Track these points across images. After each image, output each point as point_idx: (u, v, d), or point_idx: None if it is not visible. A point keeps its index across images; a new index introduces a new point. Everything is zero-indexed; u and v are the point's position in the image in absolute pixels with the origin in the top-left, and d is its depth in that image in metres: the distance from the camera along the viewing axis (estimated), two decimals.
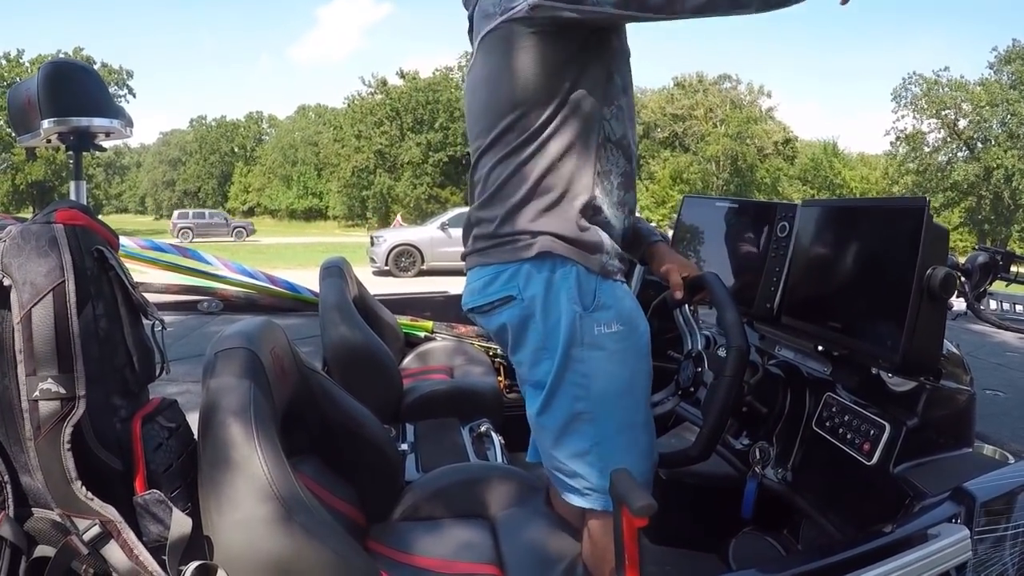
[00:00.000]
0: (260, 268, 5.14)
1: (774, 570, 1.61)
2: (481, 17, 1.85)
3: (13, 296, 1.36)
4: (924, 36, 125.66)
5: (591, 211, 1.80)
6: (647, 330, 1.86)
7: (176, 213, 44.77)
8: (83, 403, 1.38)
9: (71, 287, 1.38)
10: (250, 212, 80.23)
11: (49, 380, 1.36)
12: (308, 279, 5.37)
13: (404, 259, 19.56)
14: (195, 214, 44.99)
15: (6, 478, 1.44)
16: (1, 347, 1.41)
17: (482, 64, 1.89)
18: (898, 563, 1.45)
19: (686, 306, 2.13)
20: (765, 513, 2.15)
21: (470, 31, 1.98)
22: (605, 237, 1.81)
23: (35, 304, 1.35)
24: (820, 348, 2.11)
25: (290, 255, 26.47)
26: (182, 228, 40.83)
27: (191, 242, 37.01)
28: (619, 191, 1.87)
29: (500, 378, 4.05)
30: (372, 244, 20.35)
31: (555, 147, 1.77)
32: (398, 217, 35.96)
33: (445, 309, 4.60)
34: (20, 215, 1.65)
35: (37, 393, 1.35)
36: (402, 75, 56.08)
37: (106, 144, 3.13)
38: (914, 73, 51.91)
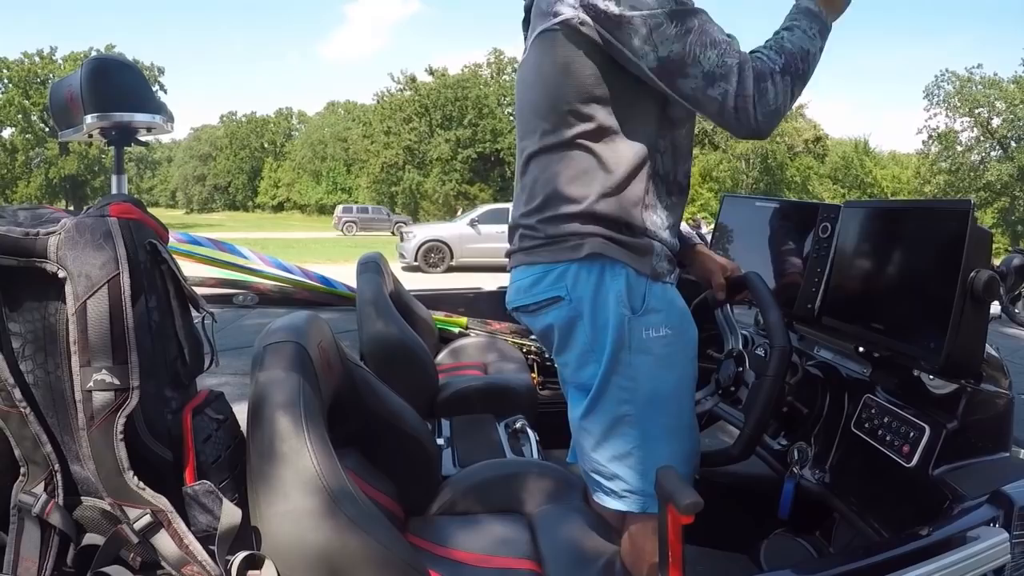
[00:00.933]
0: (294, 262, 5.18)
1: (810, 571, 1.61)
2: (538, 13, 1.82)
3: (68, 288, 1.38)
4: (957, 34, 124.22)
5: (643, 215, 1.79)
6: (695, 334, 1.85)
7: (340, 208, 45.44)
8: (136, 394, 1.40)
9: (125, 279, 1.39)
10: (280, 207, 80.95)
11: (103, 371, 1.37)
12: (337, 273, 5.39)
13: (433, 255, 19.65)
14: (359, 209, 45.74)
15: (56, 467, 1.47)
16: (55, 338, 1.44)
17: (534, 63, 1.86)
18: (936, 566, 1.45)
19: (727, 305, 2.13)
20: (798, 514, 2.15)
21: (525, 23, 1.97)
22: (656, 240, 1.80)
23: (90, 296, 1.37)
24: (860, 349, 2.10)
25: (319, 249, 26.59)
26: (347, 222, 41.61)
27: (354, 235, 37.72)
28: (671, 196, 1.86)
29: (534, 375, 4.06)
30: (402, 240, 20.45)
31: (608, 152, 1.76)
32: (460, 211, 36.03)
33: (479, 305, 4.61)
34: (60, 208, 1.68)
35: (91, 384, 1.37)
36: (431, 72, 56.21)
37: (146, 139, 3.17)
38: (946, 70, 51.33)
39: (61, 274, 1.38)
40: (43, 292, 1.43)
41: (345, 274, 5.50)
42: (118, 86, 2.87)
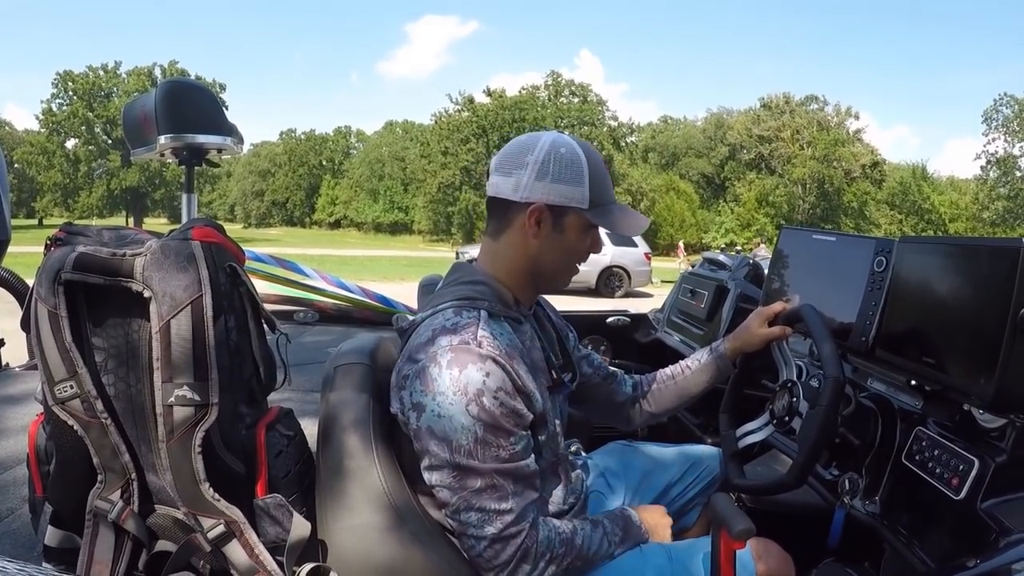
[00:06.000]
0: (351, 280, 5.25)
1: None
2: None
3: (152, 307, 1.46)
4: (1022, 58, 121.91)
5: None
6: None
7: None
8: (215, 410, 1.47)
9: (208, 300, 1.47)
10: (336, 224, 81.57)
11: (185, 387, 1.45)
12: (393, 292, 5.46)
13: None
14: None
15: (133, 476, 1.54)
16: (136, 353, 1.51)
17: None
18: None
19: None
20: (848, 544, 2.15)
21: None
22: None
23: (174, 315, 1.44)
24: (913, 383, 2.11)
25: (375, 267, 26.79)
26: None
27: None
28: None
29: None
30: (457, 259, 20.52)
31: None
32: (680, 245, 35.41)
33: None
34: (115, 223, 1.76)
35: (172, 399, 1.45)
36: (489, 93, 56.48)
37: (217, 159, 3.25)
38: (1005, 94, 50.59)
39: (146, 294, 1.46)
40: (127, 310, 1.51)
41: (398, 292, 5.59)
42: (191, 108, 2.96)
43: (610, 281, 20.78)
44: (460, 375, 1.48)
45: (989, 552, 1.64)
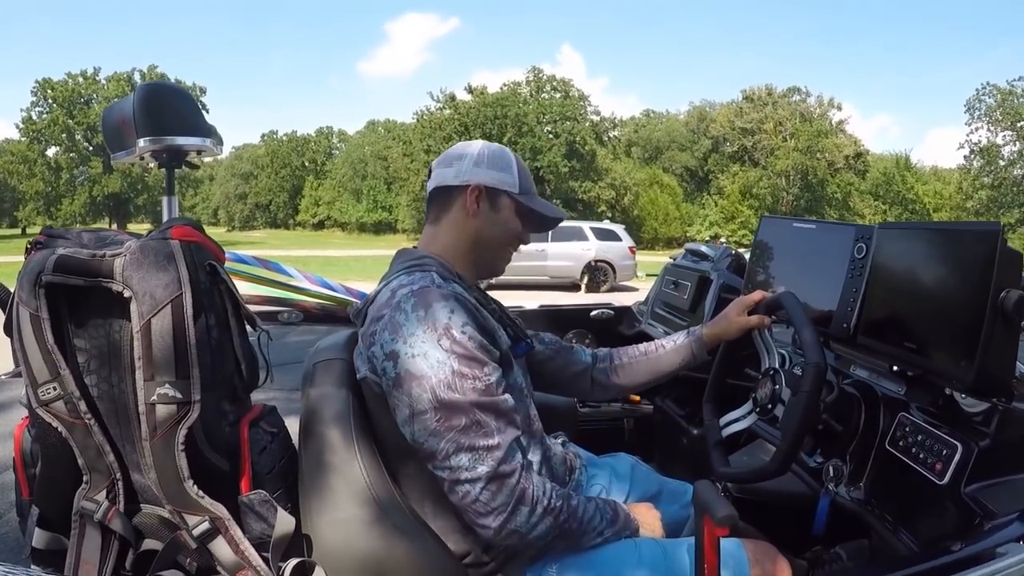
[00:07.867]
0: (336, 280, 5.22)
1: None
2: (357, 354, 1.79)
3: (133, 307, 1.46)
4: (998, 48, 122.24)
5: None
6: None
7: None
8: (197, 407, 1.48)
9: (188, 299, 1.48)
10: (320, 225, 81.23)
11: (166, 385, 1.45)
12: None
13: None
14: None
15: (118, 475, 1.55)
16: (119, 353, 1.52)
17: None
18: None
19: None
20: (834, 531, 2.16)
21: None
22: None
23: (155, 314, 1.45)
24: (895, 368, 2.11)
25: (360, 267, 26.70)
26: None
27: None
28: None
29: None
30: None
31: None
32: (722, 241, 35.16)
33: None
34: (98, 226, 1.76)
35: (155, 397, 1.46)
36: (470, 90, 56.36)
37: (196, 161, 3.25)
38: (988, 83, 50.65)
39: (126, 294, 1.47)
40: (108, 310, 1.52)
41: None
42: (170, 111, 2.95)
43: (595, 276, 20.77)
44: (426, 314, 1.55)
45: (974, 536, 1.65)
